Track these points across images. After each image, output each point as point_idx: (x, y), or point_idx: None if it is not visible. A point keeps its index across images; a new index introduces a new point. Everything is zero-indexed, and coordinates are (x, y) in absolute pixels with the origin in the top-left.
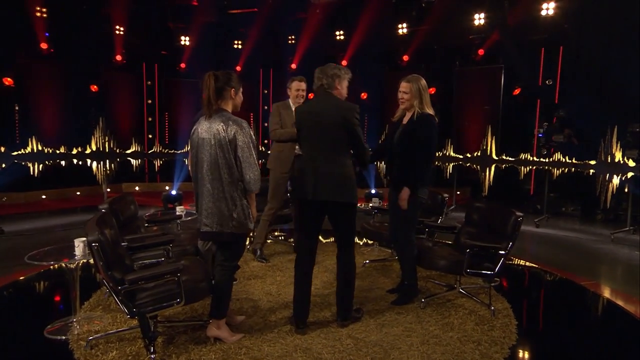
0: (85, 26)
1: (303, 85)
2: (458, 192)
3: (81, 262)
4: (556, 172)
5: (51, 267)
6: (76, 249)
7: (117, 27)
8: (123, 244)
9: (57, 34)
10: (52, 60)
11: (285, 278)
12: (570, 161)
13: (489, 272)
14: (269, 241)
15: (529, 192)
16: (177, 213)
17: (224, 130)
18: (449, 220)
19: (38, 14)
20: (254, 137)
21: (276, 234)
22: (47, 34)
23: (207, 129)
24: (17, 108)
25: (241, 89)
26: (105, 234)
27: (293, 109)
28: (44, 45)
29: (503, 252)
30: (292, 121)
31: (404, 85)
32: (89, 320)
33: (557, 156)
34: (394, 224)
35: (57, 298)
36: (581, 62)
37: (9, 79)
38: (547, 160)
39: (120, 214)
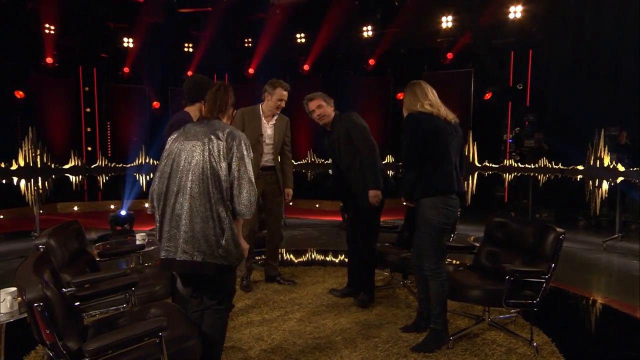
0: (7, 23)
1: (287, 96)
2: None
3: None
4: (542, 178)
5: None
6: (1, 304)
7: (47, 25)
8: (70, 289)
9: None
10: None
11: (275, 315)
12: (557, 167)
13: (531, 302)
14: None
15: (504, 199)
16: (138, 242)
17: (221, 136)
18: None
19: None
20: (252, 154)
21: (256, 258)
22: None
23: (196, 132)
24: None
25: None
26: (50, 287)
27: (262, 119)
28: None
29: (545, 276)
30: (257, 133)
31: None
32: None
33: (543, 162)
34: (417, 247)
35: None
36: (558, 65)
37: None
38: (532, 166)
39: (63, 248)
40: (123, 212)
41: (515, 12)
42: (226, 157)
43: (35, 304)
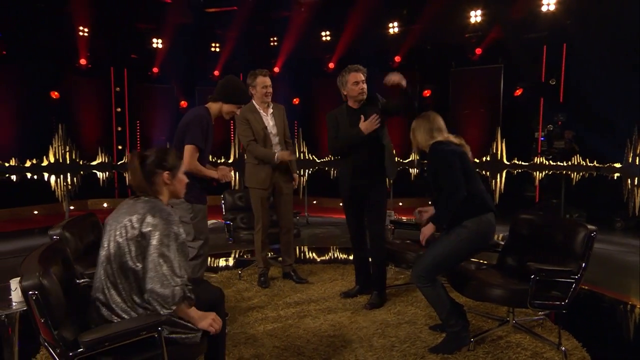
0: (45, 26)
1: (269, 80)
2: None
3: (21, 310)
4: (575, 176)
5: None
6: (13, 292)
7: (81, 28)
8: (83, 280)
9: (11, 34)
10: (5, 63)
11: (290, 312)
12: (591, 164)
13: (559, 303)
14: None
15: (534, 198)
16: None
17: (137, 222)
18: None
19: None
20: (182, 235)
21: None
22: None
23: (123, 211)
24: None
25: (181, 169)
26: (50, 276)
27: (261, 112)
28: None
29: (575, 276)
30: (262, 126)
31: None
32: None
33: (576, 159)
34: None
35: None
36: (594, 59)
37: None
38: (565, 164)
39: (78, 240)
40: None
41: (549, 4)
42: (140, 248)
43: (30, 292)
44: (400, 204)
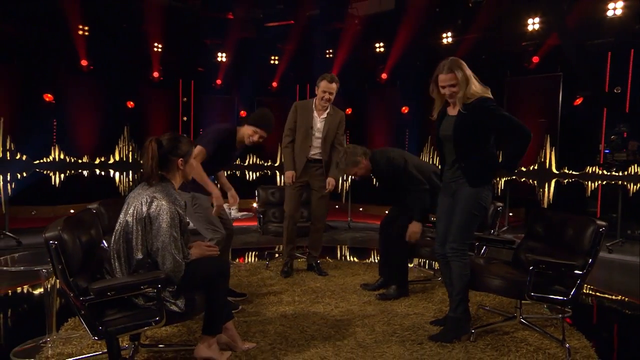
0: (125, 44)
1: (332, 87)
2: (511, 214)
3: None
4: (633, 187)
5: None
6: None
7: (155, 44)
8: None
9: (97, 51)
10: (91, 77)
11: (305, 299)
12: None
13: (561, 298)
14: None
15: (595, 213)
16: None
17: (146, 204)
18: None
19: (80, 32)
20: (186, 218)
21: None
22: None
23: (138, 194)
24: (55, 124)
25: (192, 155)
26: (71, 232)
27: (314, 112)
28: (84, 62)
29: (580, 271)
30: (308, 124)
31: (447, 78)
32: (65, 341)
33: (634, 169)
34: (443, 236)
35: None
36: None
37: (49, 95)
38: (620, 174)
39: (111, 215)
40: None
41: (615, 8)
42: (145, 226)
43: (50, 242)
44: None
